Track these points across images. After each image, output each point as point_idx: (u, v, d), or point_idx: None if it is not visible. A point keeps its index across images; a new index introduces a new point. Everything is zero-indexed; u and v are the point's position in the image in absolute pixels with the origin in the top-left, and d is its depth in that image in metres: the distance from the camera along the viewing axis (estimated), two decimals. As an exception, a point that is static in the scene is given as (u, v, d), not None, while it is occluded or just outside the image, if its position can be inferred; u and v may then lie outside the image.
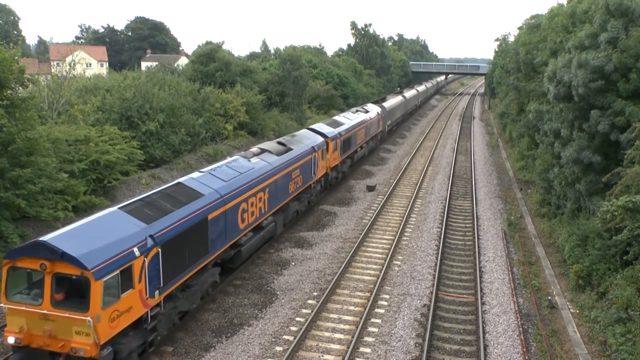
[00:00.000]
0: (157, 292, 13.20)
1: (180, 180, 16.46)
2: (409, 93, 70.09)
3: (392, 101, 54.82)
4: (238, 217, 17.59)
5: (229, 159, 19.70)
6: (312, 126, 30.17)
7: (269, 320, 16.06)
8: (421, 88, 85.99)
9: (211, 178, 17.07)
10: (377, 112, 43.57)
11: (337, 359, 14.05)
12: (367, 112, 40.67)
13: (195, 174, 17.21)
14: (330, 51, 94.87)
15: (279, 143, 23.82)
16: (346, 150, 32.21)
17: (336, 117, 35.43)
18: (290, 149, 23.48)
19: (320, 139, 27.45)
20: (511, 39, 58.85)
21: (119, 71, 47.85)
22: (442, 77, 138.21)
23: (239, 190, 17.64)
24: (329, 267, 20.08)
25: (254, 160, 20.25)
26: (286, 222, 23.36)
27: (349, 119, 35.34)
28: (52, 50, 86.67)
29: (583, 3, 25.88)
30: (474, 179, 35.30)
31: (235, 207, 17.31)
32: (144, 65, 68.24)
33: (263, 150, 21.72)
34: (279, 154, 22.17)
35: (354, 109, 40.49)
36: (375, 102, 51.04)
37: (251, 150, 21.51)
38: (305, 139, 26.11)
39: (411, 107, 70.82)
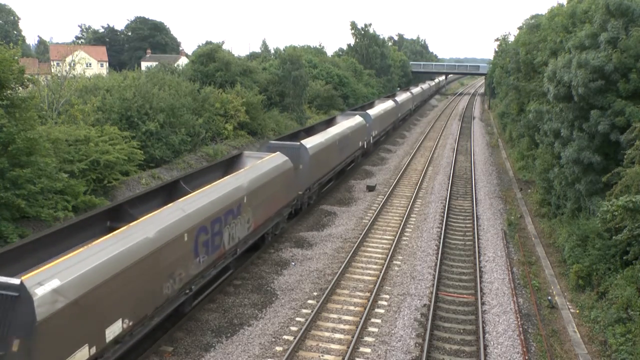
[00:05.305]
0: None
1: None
2: (337, 129, 31.05)
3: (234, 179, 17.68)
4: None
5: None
6: None
7: (269, 320, 16.07)
8: (378, 110, 45.17)
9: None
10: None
11: (337, 359, 14.06)
12: None
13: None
14: (330, 51, 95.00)
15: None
16: None
17: None
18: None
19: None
20: (511, 39, 58.90)
21: (119, 71, 47.82)
22: (442, 77, 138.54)
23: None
24: (329, 267, 20.09)
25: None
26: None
27: None
28: (52, 50, 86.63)
29: (583, 3, 25.88)
30: (474, 179, 35.30)
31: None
32: (144, 65, 68.25)
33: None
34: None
35: None
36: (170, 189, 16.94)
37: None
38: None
39: (333, 167, 29.76)
